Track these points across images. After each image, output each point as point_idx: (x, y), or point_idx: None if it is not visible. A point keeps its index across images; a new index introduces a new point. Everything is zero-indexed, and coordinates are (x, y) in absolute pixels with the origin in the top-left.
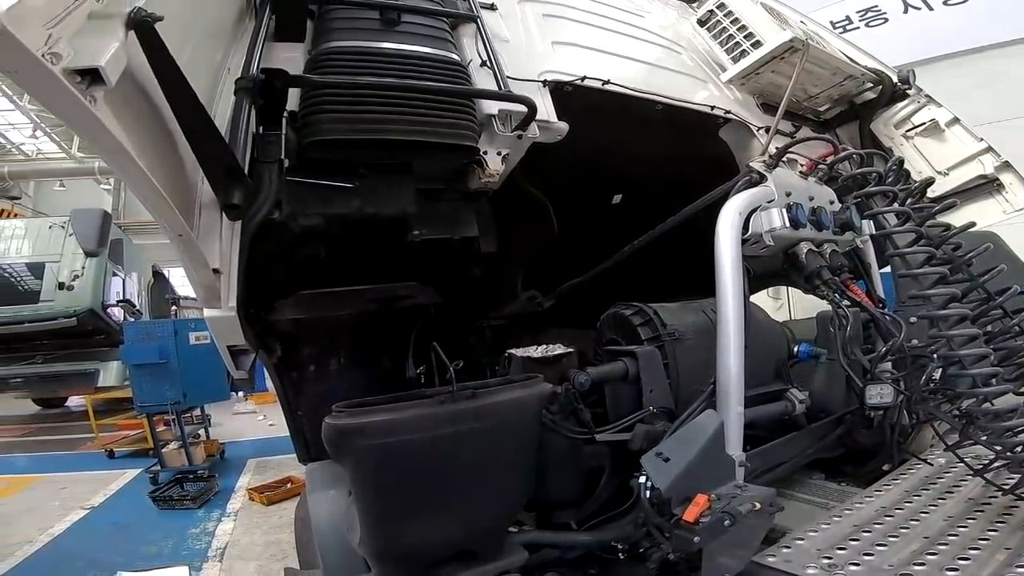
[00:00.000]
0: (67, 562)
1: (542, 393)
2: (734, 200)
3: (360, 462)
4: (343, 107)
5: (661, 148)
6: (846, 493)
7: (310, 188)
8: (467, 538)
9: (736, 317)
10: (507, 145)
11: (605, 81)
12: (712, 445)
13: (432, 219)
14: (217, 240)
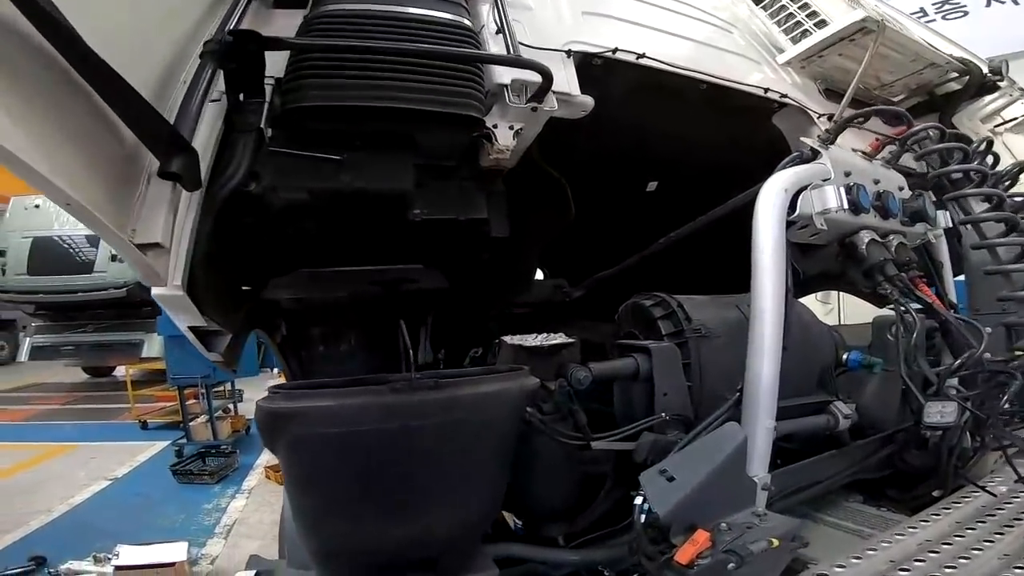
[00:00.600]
0: (77, 533)
1: (524, 388)
2: (779, 175)
3: (293, 452)
4: (328, 72)
5: (704, 133)
6: (887, 520)
7: (293, 160)
8: (424, 546)
9: (773, 313)
10: (520, 119)
11: (640, 55)
12: (730, 464)
13: (436, 198)
14: (163, 212)
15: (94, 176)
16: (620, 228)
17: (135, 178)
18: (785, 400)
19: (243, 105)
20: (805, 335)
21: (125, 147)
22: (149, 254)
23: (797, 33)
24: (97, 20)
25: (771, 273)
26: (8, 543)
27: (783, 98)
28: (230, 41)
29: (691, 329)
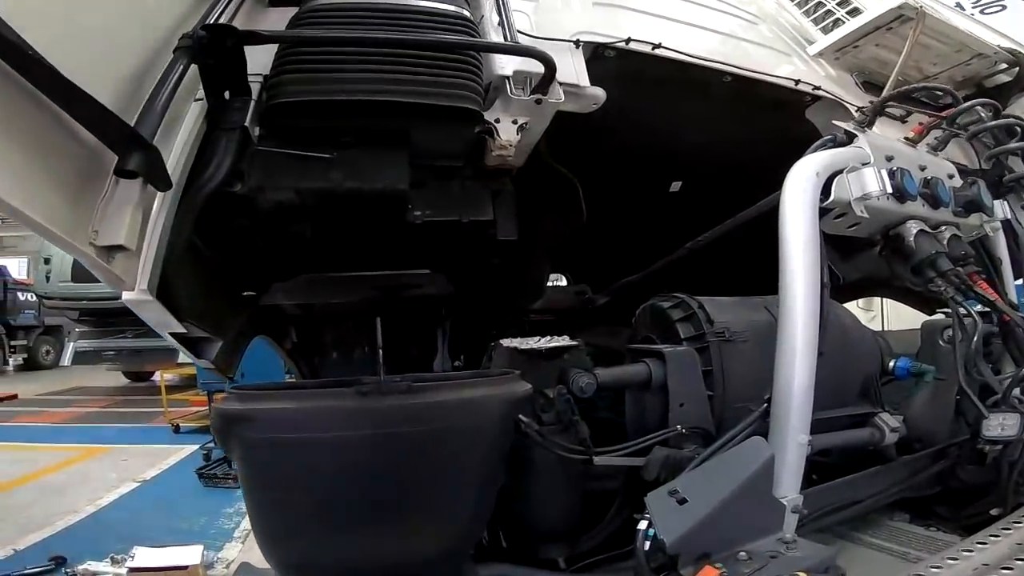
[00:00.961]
0: (99, 535)
1: (513, 395)
2: (810, 157)
3: (246, 459)
4: (312, 66)
5: (730, 130)
6: (936, 542)
7: (280, 159)
8: (399, 567)
9: (806, 312)
10: (524, 112)
11: (655, 45)
12: (754, 484)
13: (437, 199)
14: (129, 212)
15: (43, 179)
16: (644, 231)
17: (98, 177)
18: (822, 412)
19: (227, 103)
20: (844, 339)
21: (85, 145)
22: (115, 257)
23: (828, 23)
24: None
25: (802, 267)
26: (33, 542)
27: (816, 90)
28: (203, 36)
29: (713, 332)
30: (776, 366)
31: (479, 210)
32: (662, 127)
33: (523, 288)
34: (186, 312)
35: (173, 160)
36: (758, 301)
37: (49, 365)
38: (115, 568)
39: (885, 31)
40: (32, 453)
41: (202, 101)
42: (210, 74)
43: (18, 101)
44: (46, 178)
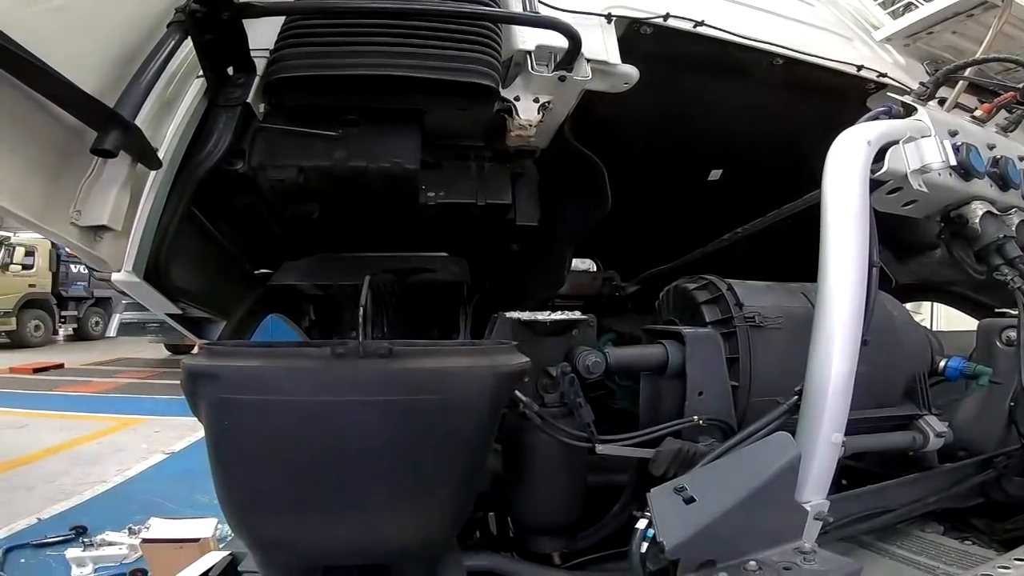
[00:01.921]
0: (123, 504)
1: (505, 368)
2: (861, 125)
3: (214, 420)
4: (315, 39)
5: (779, 116)
6: (970, 556)
7: (283, 136)
8: (375, 549)
9: (850, 295)
10: (547, 90)
11: (698, 22)
12: (774, 486)
13: (452, 180)
14: (115, 192)
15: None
16: (679, 219)
17: (82, 155)
18: (860, 411)
19: (229, 79)
20: (892, 332)
21: (65, 124)
22: (102, 238)
23: (899, 7)
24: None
25: (848, 243)
26: (59, 511)
27: (881, 77)
28: (197, 9)
29: (742, 317)
30: (811, 354)
31: (497, 193)
32: (701, 111)
33: (542, 276)
34: (181, 293)
35: (168, 137)
36: (796, 287)
37: (97, 336)
38: (131, 539)
39: (965, 17)
40: (70, 422)
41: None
42: (208, 49)
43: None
44: (15, 161)
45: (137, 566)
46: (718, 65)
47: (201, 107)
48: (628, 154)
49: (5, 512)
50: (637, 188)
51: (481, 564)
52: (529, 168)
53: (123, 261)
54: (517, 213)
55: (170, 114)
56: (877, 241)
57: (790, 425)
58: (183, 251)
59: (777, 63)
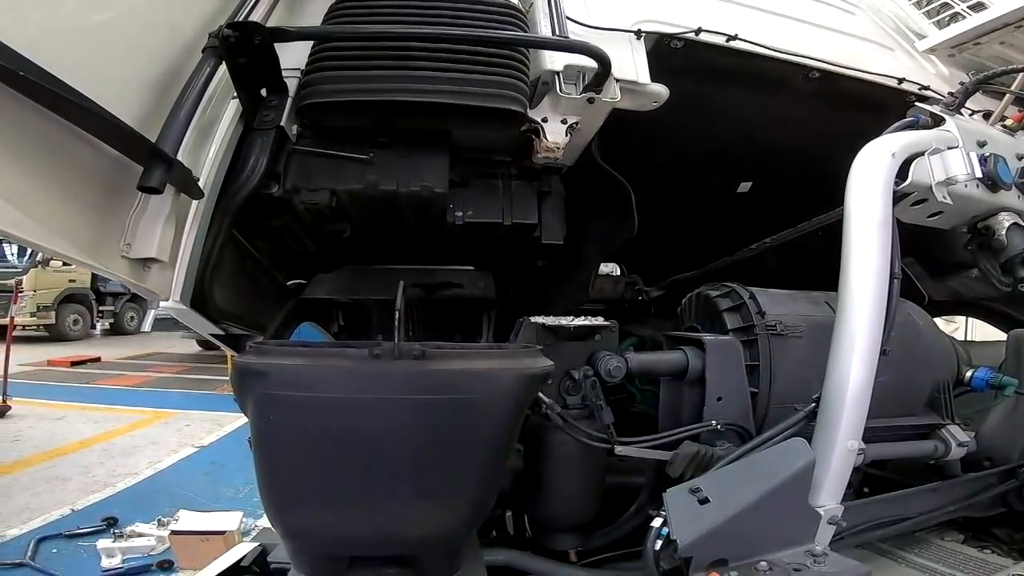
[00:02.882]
0: (154, 496)
1: (529, 371)
2: (885, 137)
3: (258, 415)
4: (347, 62)
5: (814, 129)
6: (988, 564)
7: (316, 160)
8: (400, 541)
9: (870, 304)
10: (575, 111)
11: (731, 36)
12: (787, 489)
13: (479, 199)
14: (161, 223)
15: (63, 204)
16: (706, 228)
17: (129, 186)
18: (882, 419)
19: (263, 101)
20: (915, 341)
21: (109, 156)
22: (150, 269)
23: (945, 16)
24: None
25: (870, 253)
26: (92, 502)
27: (924, 90)
28: (230, 34)
29: (764, 325)
30: (830, 362)
31: (524, 212)
32: (732, 123)
33: (565, 291)
34: (223, 315)
35: (208, 164)
36: (819, 296)
37: (132, 331)
38: (160, 530)
39: (1014, 29)
40: (106, 414)
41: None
42: (242, 73)
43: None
44: (66, 202)
45: (164, 557)
46: (751, 78)
47: (237, 131)
48: (655, 164)
49: (42, 502)
50: (663, 196)
51: (499, 559)
52: (555, 185)
53: (171, 291)
54: (543, 231)
55: (208, 140)
56: (899, 252)
57: (807, 432)
58: (224, 274)
59: (814, 76)
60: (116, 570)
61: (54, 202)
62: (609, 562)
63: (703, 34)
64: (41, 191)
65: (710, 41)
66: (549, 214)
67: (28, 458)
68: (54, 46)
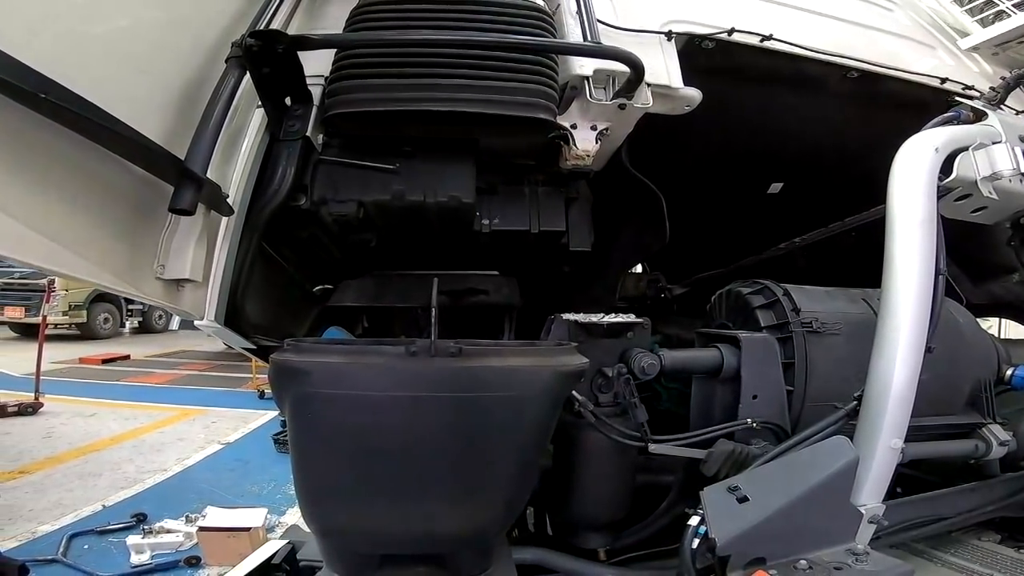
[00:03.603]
0: (182, 492)
1: (564, 368)
2: (928, 132)
3: (297, 412)
4: (371, 70)
5: (852, 129)
6: None
7: (343, 170)
8: (433, 539)
9: (914, 303)
10: (604, 117)
11: (766, 36)
12: (830, 488)
13: (506, 205)
14: (193, 241)
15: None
16: (732, 227)
17: (159, 205)
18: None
19: (288, 110)
20: (957, 340)
21: (137, 175)
22: (184, 288)
23: (990, 14)
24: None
25: (913, 250)
26: (123, 498)
27: (967, 90)
28: (252, 44)
29: (799, 322)
30: (872, 359)
31: (551, 219)
32: (764, 124)
33: (591, 295)
34: (255, 329)
35: (236, 177)
36: (857, 293)
37: (160, 329)
38: (188, 526)
39: None
40: (135, 411)
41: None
42: (266, 83)
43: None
44: (100, 228)
45: (192, 553)
46: (786, 78)
47: (263, 142)
48: (681, 163)
49: (74, 498)
50: (688, 195)
51: (528, 558)
52: (583, 190)
53: (205, 310)
54: (570, 238)
55: (235, 153)
56: (944, 248)
57: (847, 430)
58: (254, 287)
59: (852, 76)
60: (145, 566)
61: (89, 230)
62: (638, 561)
63: (736, 34)
64: (75, 221)
65: (744, 41)
66: (577, 220)
67: (60, 455)
68: (76, 61)
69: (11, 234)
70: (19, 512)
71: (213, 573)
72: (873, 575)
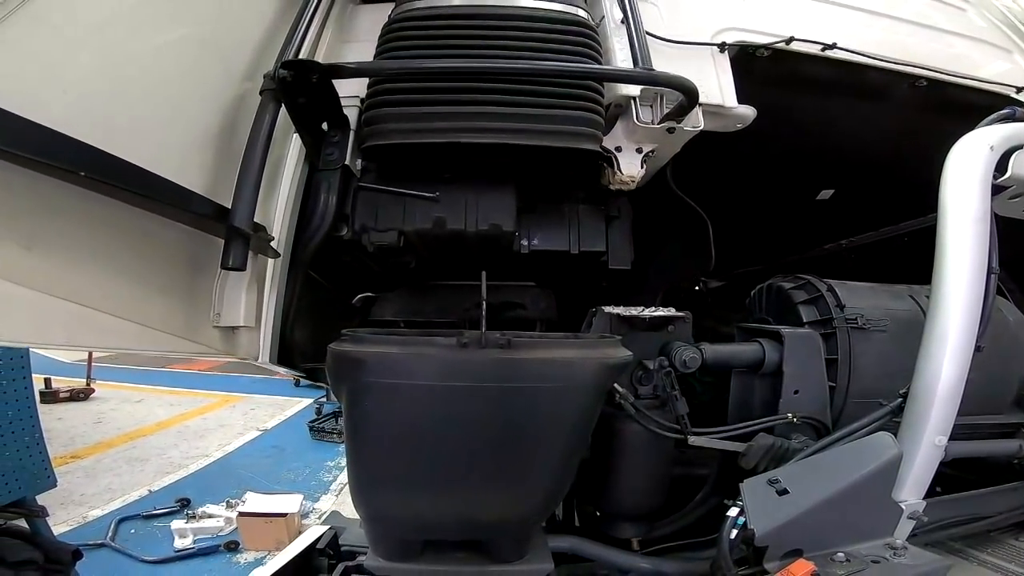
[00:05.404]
0: (222, 477)
1: (609, 360)
2: (983, 130)
3: (354, 401)
4: (407, 96)
5: (917, 137)
6: None
7: (383, 199)
8: (476, 526)
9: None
10: (651, 139)
11: (828, 45)
12: (872, 483)
13: (546, 225)
14: (244, 291)
15: (165, 297)
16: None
17: (202, 257)
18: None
19: (325, 136)
20: (1005, 338)
21: (181, 230)
22: (238, 332)
23: None
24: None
25: (966, 247)
26: (168, 483)
27: None
28: (286, 74)
29: (843, 319)
30: (920, 356)
31: (591, 239)
32: (820, 132)
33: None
34: (305, 358)
35: (279, 214)
36: (903, 289)
37: None
38: (228, 511)
39: None
40: (179, 397)
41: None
42: (301, 113)
43: (107, 221)
44: (163, 294)
45: (231, 538)
46: (847, 87)
47: (302, 174)
48: (726, 165)
49: (123, 483)
50: (732, 195)
51: (562, 546)
52: (624, 208)
53: (259, 352)
54: (610, 256)
55: (275, 186)
56: (997, 246)
57: (889, 427)
58: (301, 318)
59: (920, 84)
60: (188, 550)
61: (153, 299)
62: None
63: (796, 43)
64: (139, 293)
65: (803, 51)
66: (617, 239)
67: (111, 440)
68: (111, 121)
69: (87, 323)
70: (71, 497)
71: (250, 558)
72: (911, 569)
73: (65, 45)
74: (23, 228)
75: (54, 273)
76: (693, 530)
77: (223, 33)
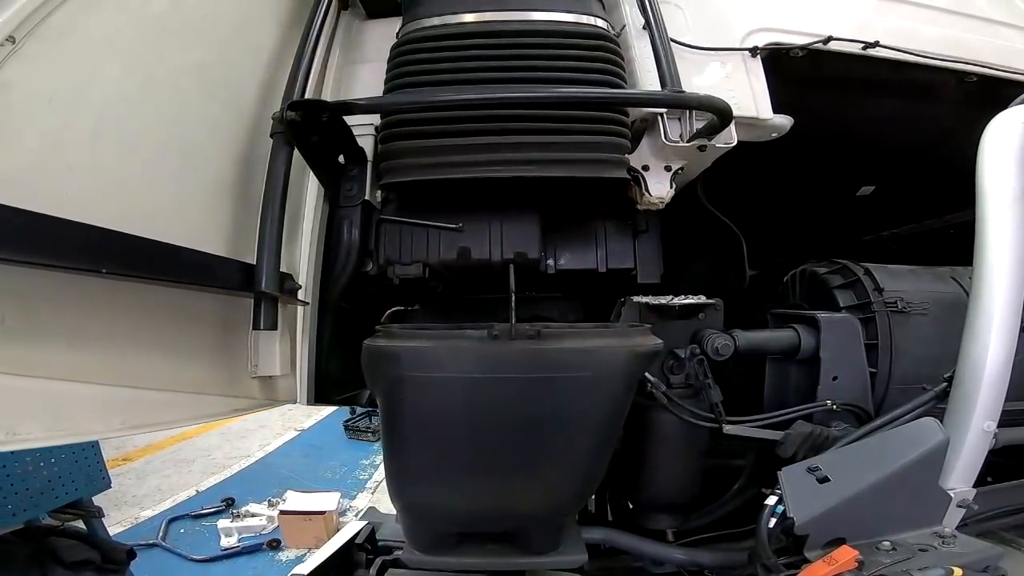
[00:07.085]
0: (264, 477)
1: (640, 348)
2: (1016, 108)
3: (389, 395)
4: (422, 132)
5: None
6: None
7: (407, 231)
8: (511, 517)
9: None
10: (680, 156)
11: (870, 43)
12: (918, 470)
13: (573, 244)
14: (277, 342)
15: (208, 366)
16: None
17: (238, 315)
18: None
19: (342, 171)
20: None
21: (217, 298)
22: (274, 379)
23: None
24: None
25: (1006, 227)
26: (213, 483)
27: None
28: (294, 116)
29: (882, 303)
30: (964, 339)
31: (619, 257)
32: (862, 133)
33: None
34: (338, 390)
35: (304, 260)
36: (945, 271)
37: None
38: (270, 510)
39: None
40: None
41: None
42: (315, 152)
43: (142, 305)
44: (206, 364)
45: (273, 536)
46: (891, 86)
47: (323, 213)
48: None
49: (171, 483)
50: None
51: (596, 537)
52: (652, 222)
53: (296, 396)
54: (639, 272)
55: (297, 229)
56: None
57: (936, 412)
58: (333, 359)
59: (970, 80)
60: (232, 549)
61: (194, 366)
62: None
63: (834, 43)
64: (181, 363)
65: (843, 51)
66: (646, 253)
67: (158, 442)
68: (129, 189)
69: (141, 404)
70: (123, 498)
71: (292, 555)
72: (960, 557)
73: (63, 118)
74: (64, 325)
75: (101, 364)
76: (729, 521)
77: (227, 74)
